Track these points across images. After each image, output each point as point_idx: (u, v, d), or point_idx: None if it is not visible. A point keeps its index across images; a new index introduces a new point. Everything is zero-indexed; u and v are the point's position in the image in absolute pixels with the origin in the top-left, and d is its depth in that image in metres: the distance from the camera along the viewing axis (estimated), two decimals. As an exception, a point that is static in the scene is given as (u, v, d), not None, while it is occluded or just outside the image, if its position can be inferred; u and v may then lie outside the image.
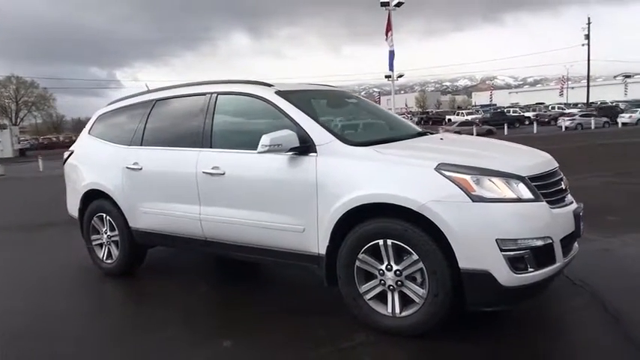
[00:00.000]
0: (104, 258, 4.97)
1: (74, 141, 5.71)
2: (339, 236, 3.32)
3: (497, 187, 2.98)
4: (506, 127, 36.41)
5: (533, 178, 3.12)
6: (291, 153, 3.48)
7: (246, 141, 3.89)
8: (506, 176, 3.03)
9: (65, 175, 5.52)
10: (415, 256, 3.04)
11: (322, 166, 3.36)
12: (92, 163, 5.08)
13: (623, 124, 36.42)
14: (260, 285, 4.57)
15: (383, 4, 28.64)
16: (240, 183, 3.76)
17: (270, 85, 3.99)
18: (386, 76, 29.97)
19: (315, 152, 3.42)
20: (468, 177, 2.97)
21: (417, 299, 3.08)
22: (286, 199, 3.52)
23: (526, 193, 3.03)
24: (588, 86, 52.32)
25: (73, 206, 5.32)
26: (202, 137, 4.06)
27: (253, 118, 4.00)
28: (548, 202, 3.12)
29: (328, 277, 3.41)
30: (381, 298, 3.24)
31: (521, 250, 2.91)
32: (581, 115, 38.07)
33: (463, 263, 2.92)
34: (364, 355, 3.01)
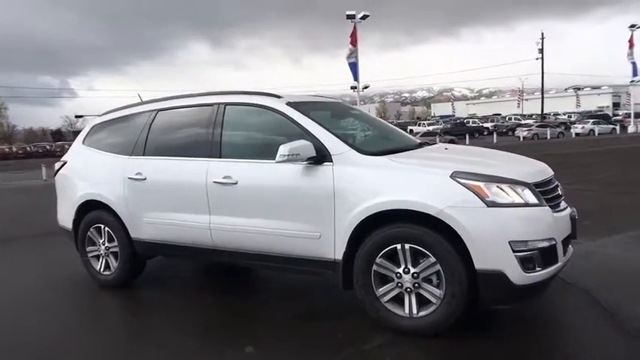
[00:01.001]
0: (101, 270, 4.90)
1: (29, 152, 5.60)
2: (354, 242, 3.46)
3: (506, 193, 3.19)
4: (467, 137, 37.52)
5: (536, 185, 3.36)
6: (306, 162, 3.59)
7: (258, 151, 3.99)
8: (514, 183, 3.25)
9: (57, 186, 5.41)
10: (432, 259, 3.21)
11: (339, 174, 3.49)
12: (89, 173, 5.02)
13: (577, 134, 38.23)
14: (265, 292, 4.64)
15: (349, 17, 29.24)
16: (254, 192, 3.84)
17: (279, 97, 4.10)
18: (352, 87, 30.53)
19: (331, 162, 3.55)
20: (481, 184, 3.17)
21: (433, 300, 3.25)
22: (302, 206, 3.62)
23: (531, 199, 3.25)
24: (543, 98, 54.56)
25: (65, 218, 5.21)
26: (211, 147, 4.11)
27: (264, 128, 4.09)
28: (549, 206, 3.36)
29: (344, 282, 3.53)
30: (397, 300, 3.38)
31: (530, 251, 3.13)
32: (537, 126, 39.68)
33: (479, 264, 3.11)
34: (387, 356, 3.13)
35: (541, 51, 50.16)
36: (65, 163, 5.36)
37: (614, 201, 8.24)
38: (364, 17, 29.53)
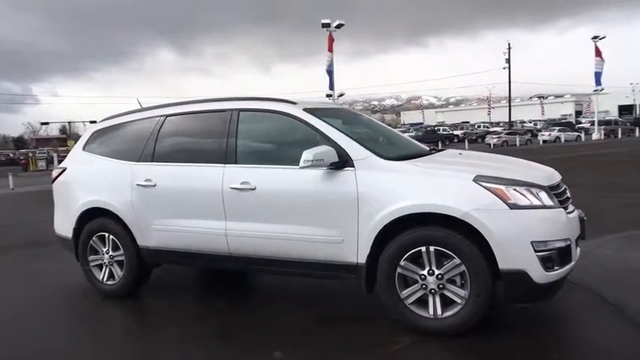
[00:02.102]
0: (104, 279, 4.80)
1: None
2: (377, 245, 3.52)
3: (525, 196, 3.32)
4: (440, 144, 38.17)
5: (550, 188, 3.50)
6: (327, 168, 3.64)
7: (275, 157, 4.03)
8: (532, 186, 3.39)
9: (55, 193, 5.27)
10: (457, 260, 3.30)
11: (362, 179, 3.56)
12: (92, 180, 4.91)
13: (544, 141, 39.40)
14: (275, 298, 4.63)
15: (324, 26, 29.52)
16: (274, 197, 3.86)
17: (294, 103, 4.14)
18: (327, 95, 30.77)
19: (353, 167, 3.61)
20: (503, 187, 3.29)
21: (458, 300, 3.34)
22: (325, 211, 3.66)
23: (547, 201, 3.39)
24: (510, 107, 56.14)
25: (64, 226, 5.08)
26: (226, 153, 4.11)
27: (281, 134, 4.12)
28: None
29: (367, 285, 3.58)
30: (421, 302, 3.46)
31: (550, 251, 3.27)
32: (506, 133, 40.71)
33: (502, 264, 3.22)
34: (416, 356, 3.20)
35: (508, 61, 51.62)
36: (64, 170, 5.22)
37: (597, 204, 8.56)
38: (339, 26, 29.87)
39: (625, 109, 71.88)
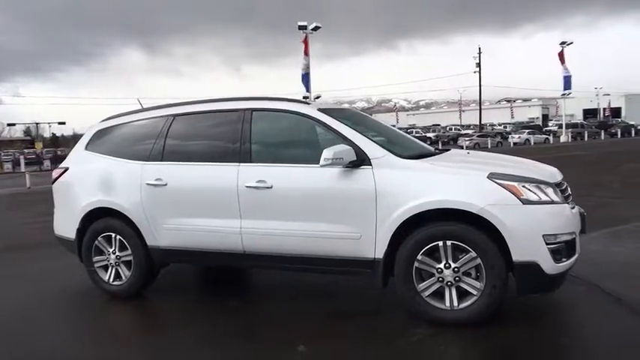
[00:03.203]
0: (110, 280, 4.78)
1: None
2: (393, 241, 3.65)
3: (535, 193, 3.51)
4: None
5: (556, 185, 3.71)
6: (343, 166, 3.75)
7: (291, 155, 4.11)
8: (541, 183, 3.59)
9: (56, 194, 5.21)
10: (473, 254, 3.46)
11: (380, 177, 3.68)
12: (96, 180, 4.85)
13: (514, 143, 40.47)
14: (283, 294, 4.70)
15: (300, 28, 29.66)
16: (291, 195, 3.94)
17: (307, 103, 4.24)
18: (304, 97, 30.92)
19: (370, 165, 3.73)
20: (515, 183, 3.48)
21: (474, 292, 3.50)
22: (343, 208, 3.77)
23: (554, 197, 3.59)
24: (480, 110, 57.48)
25: (66, 227, 5.02)
26: (240, 152, 4.17)
27: (295, 134, 4.22)
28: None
29: (384, 280, 3.71)
30: (436, 294, 3.61)
31: (558, 243, 3.47)
32: (478, 136, 41.66)
33: (516, 257, 3.40)
34: (436, 346, 3.34)
35: (479, 65, 52.74)
36: (66, 169, 5.16)
37: (579, 202, 8.92)
38: (315, 29, 30.06)
39: (589, 113, 74.52)
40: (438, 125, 68.32)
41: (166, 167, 4.51)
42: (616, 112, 74.70)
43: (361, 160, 3.75)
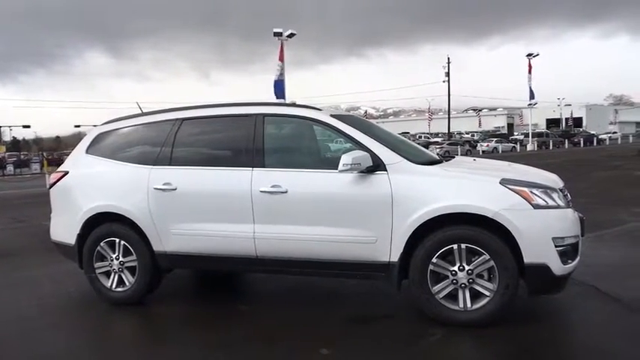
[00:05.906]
0: (113, 286, 4.69)
1: None
2: (410, 245, 3.76)
3: (544, 197, 3.69)
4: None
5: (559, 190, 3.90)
6: (356, 172, 3.83)
7: (304, 160, 4.18)
8: (548, 188, 3.77)
9: (54, 199, 5.07)
10: (487, 256, 3.61)
11: (396, 182, 3.79)
12: (99, 184, 4.77)
13: (483, 151, 41.47)
14: (298, 300, 4.72)
15: (276, 34, 29.68)
16: (307, 200, 4.00)
17: (319, 109, 4.32)
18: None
19: (385, 170, 3.84)
20: (526, 189, 3.65)
21: (487, 293, 3.64)
22: (359, 213, 3.86)
23: (560, 202, 3.78)
24: (449, 118, 58.65)
25: (65, 233, 4.90)
26: (253, 157, 4.20)
27: (307, 139, 4.29)
28: (568, 208, 3.90)
29: (399, 283, 3.81)
30: (450, 296, 3.73)
31: (565, 246, 3.66)
32: (448, 144, 42.49)
33: (528, 259, 3.56)
34: (455, 345, 3.46)
35: (447, 74, 53.85)
36: (66, 173, 5.02)
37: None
38: (291, 35, 30.14)
39: (552, 122, 77.11)
40: (407, 133, 69.25)
41: (175, 171, 4.48)
42: (578, 122, 77.57)
43: (376, 165, 3.85)
